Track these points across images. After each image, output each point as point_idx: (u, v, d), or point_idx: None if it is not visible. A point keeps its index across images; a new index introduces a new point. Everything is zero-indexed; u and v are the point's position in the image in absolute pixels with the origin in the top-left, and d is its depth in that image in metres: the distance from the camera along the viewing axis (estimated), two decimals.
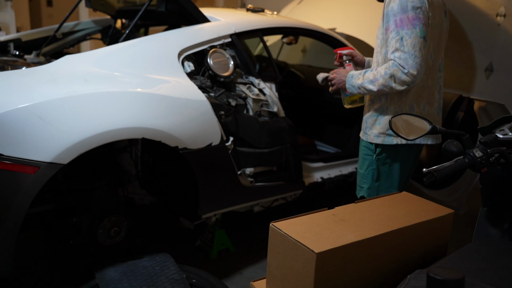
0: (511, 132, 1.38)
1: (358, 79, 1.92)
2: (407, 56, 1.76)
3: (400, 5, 1.79)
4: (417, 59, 1.76)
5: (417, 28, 1.76)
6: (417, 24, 1.77)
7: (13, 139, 1.65)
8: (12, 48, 2.85)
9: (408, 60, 1.76)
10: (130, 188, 2.47)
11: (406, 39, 1.77)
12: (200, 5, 2.56)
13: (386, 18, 1.85)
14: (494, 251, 1.26)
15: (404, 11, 1.77)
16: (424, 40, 1.78)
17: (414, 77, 1.77)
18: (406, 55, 1.76)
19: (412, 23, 1.77)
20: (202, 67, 2.33)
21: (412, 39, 1.76)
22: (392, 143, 1.95)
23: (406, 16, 1.77)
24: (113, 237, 2.12)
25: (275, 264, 1.27)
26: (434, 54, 1.92)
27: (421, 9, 1.78)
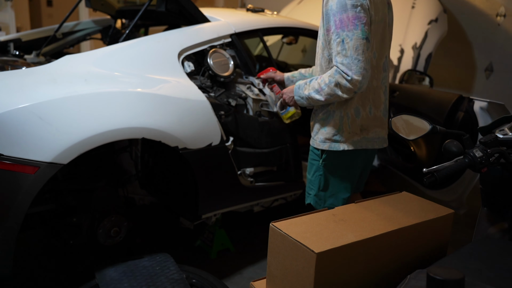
0: (511, 132, 1.38)
1: (305, 90, 1.86)
2: (349, 61, 1.67)
3: (339, 4, 1.69)
4: (360, 63, 1.67)
5: (358, 29, 1.67)
6: (358, 24, 1.67)
7: (13, 139, 1.65)
8: (12, 48, 2.85)
9: (351, 65, 1.67)
10: (130, 188, 2.47)
11: (348, 41, 1.67)
12: (200, 5, 2.56)
13: (326, 18, 1.75)
14: (494, 251, 1.26)
15: (343, 10, 1.68)
16: (367, 41, 1.69)
17: (360, 83, 1.68)
18: (349, 60, 1.67)
19: (353, 24, 1.67)
20: (202, 67, 2.33)
21: (354, 42, 1.67)
22: (338, 149, 1.88)
23: (346, 15, 1.67)
24: (113, 237, 2.12)
25: (275, 264, 1.27)
26: (378, 53, 1.84)
27: (362, 6, 1.68)
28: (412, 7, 3.69)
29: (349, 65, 1.68)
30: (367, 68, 1.69)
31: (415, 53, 3.51)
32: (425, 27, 3.58)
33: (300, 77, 2.28)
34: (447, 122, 2.68)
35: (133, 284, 1.81)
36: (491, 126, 1.50)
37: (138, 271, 1.89)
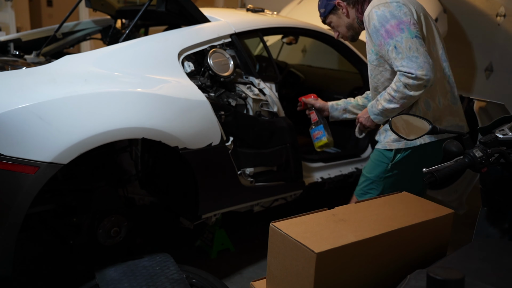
0: (511, 132, 1.38)
1: (378, 105, 1.90)
2: (408, 61, 1.73)
3: (379, 19, 1.79)
4: (419, 59, 1.72)
5: (405, 32, 1.75)
6: (403, 27, 1.75)
7: (13, 139, 1.65)
8: (12, 48, 2.85)
9: (411, 64, 1.73)
10: (130, 188, 2.47)
11: (399, 45, 1.75)
12: (200, 5, 2.56)
13: (374, 37, 1.83)
14: (494, 251, 1.26)
15: (386, 21, 1.77)
16: (417, 38, 1.75)
17: (425, 76, 1.72)
18: (407, 60, 1.73)
19: (398, 29, 1.75)
20: (202, 67, 2.33)
21: (405, 43, 1.74)
22: (415, 144, 1.88)
23: (390, 25, 1.76)
24: (113, 237, 2.12)
25: (275, 264, 1.27)
26: (434, 46, 1.90)
27: (401, 12, 1.77)
28: None
29: (409, 65, 1.73)
30: (427, 60, 1.73)
31: None
32: None
33: (345, 105, 2.34)
34: None
35: (133, 284, 1.81)
36: (491, 126, 1.50)
37: (138, 271, 1.89)
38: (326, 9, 2.07)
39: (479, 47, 4.23)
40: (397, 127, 1.52)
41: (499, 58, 4.11)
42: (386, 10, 1.78)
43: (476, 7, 4.18)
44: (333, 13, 2.07)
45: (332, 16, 2.08)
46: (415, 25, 1.78)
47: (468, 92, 4.30)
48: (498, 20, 4.04)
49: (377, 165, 2.00)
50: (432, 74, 1.74)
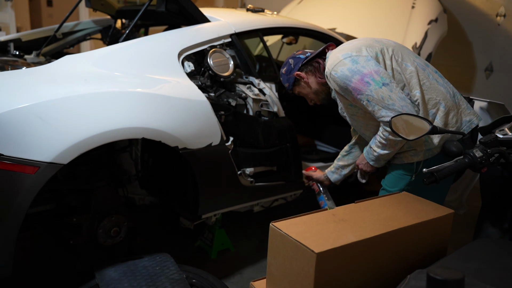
0: (511, 132, 1.39)
1: (373, 152, 1.92)
2: (386, 111, 1.74)
3: (342, 80, 1.80)
4: (396, 106, 1.73)
5: (371, 84, 1.75)
6: (367, 80, 1.75)
7: (13, 139, 1.65)
8: (12, 48, 2.85)
9: (389, 113, 1.73)
10: (130, 188, 2.47)
11: (372, 99, 1.75)
12: (200, 5, 2.56)
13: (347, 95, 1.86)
14: (494, 251, 1.26)
15: (349, 80, 1.78)
16: (386, 86, 1.75)
17: None
18: (385, 111, 1.74)
19: (364, 83, 1.76)
20: (202, 67, 2.33)
21: (376, 95, 1.74)
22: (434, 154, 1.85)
23: (354, 83, 1.77)
24: (113, 237, 2.12)
25: (275, 264, 1.27)
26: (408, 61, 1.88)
27: (358, 65, 1.77)
28: (412, 7, 3.69)
29: (387, 114, 1.74)
30: (404, 103, 1.74)
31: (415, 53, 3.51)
32: (425, 27, 3.58)
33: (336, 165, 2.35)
34: None
35: (133, 284, 1.81)
36: (491, 126, 1.50)
37: (138, 271, 1.89)
38: (289, 83, 2.10)
39: (479, 47, 4.23)
40: (397, 127, 1.52)
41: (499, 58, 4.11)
42: (344, 68, 1.79)
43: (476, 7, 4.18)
44: (296, 85, 2.10)
45: (297, 88, 2.12)
46: (377, 72, 1.76)
47: (468, 92, 4.30)
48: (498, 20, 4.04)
49: (400, 179, 1.96)
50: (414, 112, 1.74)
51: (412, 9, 3.68)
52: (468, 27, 4.25)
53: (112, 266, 1.92)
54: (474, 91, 4.29)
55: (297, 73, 2.05)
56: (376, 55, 1.83)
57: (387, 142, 1.82)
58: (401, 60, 1.86)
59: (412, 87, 1.82)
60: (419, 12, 3.65)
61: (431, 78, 1.88)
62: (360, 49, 1.83)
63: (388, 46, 1.90)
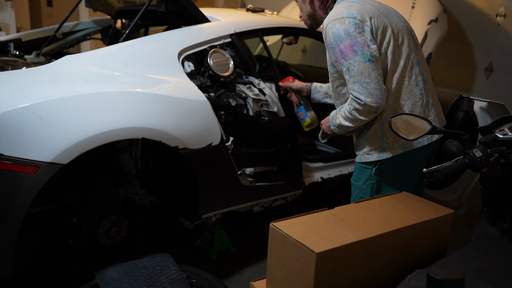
0: (511, 132, 1.38)
1: (337, 119, 1.91)
2: (358, 87, 1.73)
3: (334, 37, 1.76)
4: (369, 86, 1.72)
5: (359, 54, 1.72)
6: (356, 49, 1.73)
7: (13, 139, 1.65)
8: (12, 48, 2.85)
9: (361, 90, 1.73)
10: (130, 188, 2.47)
11: (352, 68, 1.73)
12: (200, 5, 2.56)
13: (331, 53, 1.82)
14: (494, 251, 1.26)
15: (340, 41, 1.75)
16: (371, 62, 1.73)
17: (375, 103, 1.73)
18: (358, 86, 1.73)
19: (352, 50, 1.73)
20: (202, 67, 2.33)
21: (358, 67, 1.72)
22: (388, 156, 1.86)
23: (344, 46, 1.74)
24: (113, 237, 2.12)
25: (275, 264, 1.27)
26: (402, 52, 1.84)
27: (355, 31, 1.73)
28: (412, 7, 3.69)
29: (359, 90, 1.73)
30: (378, 87, 1.73)
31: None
32: (425, 27, 3.58)
33: (327, 89, 2.36)
34: (447, 122, 2.68)
35: (133, 284, 1.81)
36: (491, 126, 1.50)
37: (138, 271, 1.89)
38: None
39: (479, 47, 4.23)
40: (397, 127, 1.52)
41: (499, 58, 4.11)
42: (341, 27, 1.74)
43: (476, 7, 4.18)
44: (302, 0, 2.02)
45: (300, 1, 2.03)
46: (369, 46, 1.74)
47: (468, 92, 4.30)
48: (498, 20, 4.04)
49: (362, 172, 1.98)
50: (382, 101, 1.74)
51: (412, 9, 3.67)
52: (468, 27, 4.25)
53: (112, 266, 1.92)
54: (474, 91, 4.29)
55: None
56: (377, 31, 1.79)
57: (350, 116, 1.81)
58: (397, 51, 1.84)
59: (388, 79, 1.82)
60: (419, 12, 3.65)
61: (413, 79, 1.86)
62: (365, 17, 1.77)
63: (395, 29, 1.84)
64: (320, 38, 2.98)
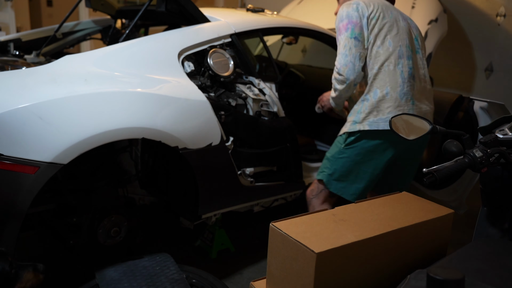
0: (511, 132, 1.38)
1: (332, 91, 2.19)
2: (339, 57, 2.02)
3: (339, 17, 2.08)
4: (347, 58, 1.99)
5: (349, 31, 2.01)
6: (349, 27, 2.02)
7: (13, 139, 1.65)
8: (12, 48, 2.85)
9: (340, 60, 2.02)
10: (130, 188, 2.47)
11: (341, 42, 2.03)
12: (200, 5, 2.56)
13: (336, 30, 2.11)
14: (494, 251, 1.26)
15: (341, 20, 2.05)
16: (356, 40, 2.00)
17: (346, 73, 2.00)
18: (339, 56, 2.02)
19: (345, 28, 2.02)
20: (202, 67, 2.33)
21: (344, 41, 2.02)
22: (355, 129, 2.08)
23: (342, 24, 2.04)
24: (113, 237, 2.12)
25: (275, 264, 1.27)
26: (394, 42, 2.06)
27: (354, 13, 2.02)
28: (412, 7, 3.69)
29: (339, 60, 2.04)
30: (353, 61, 2.00)
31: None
32: (425, 27, 3.58)
33: None
34: (447, 122, 2.68)
35: (133, 284, 1.81)
36: (491, 126, 1.50)
37: (138, 271, 1.89)
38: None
39: (479, 47, 4.23)
40: (397, 127, 1.52)
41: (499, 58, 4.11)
42: (346, 10, 2.06)
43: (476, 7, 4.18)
44: None
45: None
46: (360, 27, 2.02)
47: (468, 92, 4.30)
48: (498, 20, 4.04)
49: (335, 146, 2.20)
50: (352, 74, 2.00)
51: (412, 9, 3.67)
52: (468, 27, 4.25)
53: (112, 266, 1.92)
54: (474, 91, 4.29)
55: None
56: (373, 18, 2.04)
57: (332, 85, 2.11)
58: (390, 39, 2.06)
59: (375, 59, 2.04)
60: (419, 12, 3.65)
61: (398, 67, 2.06)
62: (371, 3, 2.06)
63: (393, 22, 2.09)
64: (320, 38, 2.99)
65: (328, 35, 2.96)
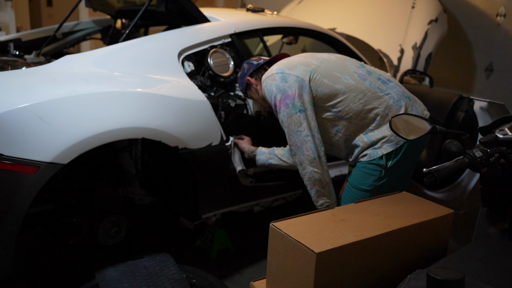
0: (511, 132, 1.38)
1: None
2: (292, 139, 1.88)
3: (269, 94, 1.90)
4: (301, 134, 1.86)
5: (290, 108, 1.85)
6: (288, 102, 1.85)
7: (13, 139, 1.65)
8: (12, 48, 2.85)
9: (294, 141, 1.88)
10: (130, 188, 2.47)
11: (285, 120, 1.87)
12: (200, 5, 2.56)
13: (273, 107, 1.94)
14: (494, 251, 1.26)
15: (273, 96, 1.88)
16: (301, 112, 1.84)
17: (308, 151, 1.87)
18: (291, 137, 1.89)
19: (284, 104, 1.85)
20: (202, 67, 2.33)
21: (290, 119, 1.86)
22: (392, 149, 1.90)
23: (277, 100, 1.87)
24: (113, 237, 2.12)
25: (275, 264, 1.27)
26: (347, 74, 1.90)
27: (285, 84, 1.85)
28: (412, 7, 3.69)
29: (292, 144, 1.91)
30: (309, 134, 1.86)
31: (415, 53, 3.51)
32: (425, 27, 3.58)
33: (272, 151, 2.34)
34: (447, 122, 2.68)
35: (133, 284, 1.81)
36: (491, 126, 1.50)
37: (138, 271, 1.89)
38: (243, 87, 2.16)
39: (479, 47, 4.23)
40: (397, 127, 1.52)
41: (499, 58, 4.11)
42: (273, 84, 1.87)
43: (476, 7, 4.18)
44: (248, 89, 2.15)
45: (249, 92, 2.17)
46: (300, 96, 1.84)
47: (468, 92, 4.30)
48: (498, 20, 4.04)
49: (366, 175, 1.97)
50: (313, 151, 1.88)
51: (412, 9, 3.68)
52: (468, 27, 4.25)
53: (112, 266, 1.93)
54: (474, 91, 4.29)
55: (248, 78, 2.10)
56: (309, 74, 1.87)
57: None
58: (339, 75, 1.89)
59: (351, 101, 1.88)
60: (419, 12, 3.65)
61: (373, 87, 1.90)
62: (295, 66, 1.89)
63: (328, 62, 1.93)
64: (320, 38, 2.99)
65: (328, 35, 2.96)
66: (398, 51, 3.50)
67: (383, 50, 3.53)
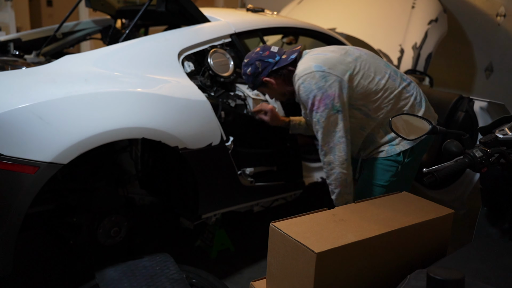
0: (511, 132, 1.38)
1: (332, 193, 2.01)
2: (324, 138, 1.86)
3: (306, 91, 1.85)
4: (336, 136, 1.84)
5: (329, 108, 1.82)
6: (327, 103, 1.82)
7: (13, 139, 1.65)
8: (12, 48, 2.85)
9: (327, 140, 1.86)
10: (130, 188, 2.47)
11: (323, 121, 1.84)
12: (200, 5, 2.56)
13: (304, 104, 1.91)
14: (494, 251, 1.26)
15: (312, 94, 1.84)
16: (339, 113, 1.83)
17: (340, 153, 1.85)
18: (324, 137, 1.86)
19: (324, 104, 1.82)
20: (202, 67, 2.33)
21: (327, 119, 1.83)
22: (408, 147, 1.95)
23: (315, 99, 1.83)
24: (113, 237, 2.12)
25: (275, 264, 1.27)
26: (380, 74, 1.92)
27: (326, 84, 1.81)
28: (412, 7, 3.69)
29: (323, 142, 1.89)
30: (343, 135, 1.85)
31: (415, 53, 3.51)
32: (425, 27, 3.58)
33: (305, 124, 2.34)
34: (447, 122, 2.68)
35: (133, 284, 1.81)
36: (491, 126, 1.50)
37: (138, 271, 1.89)
38: (255, 84, 2.09)
39: (479, 47, 4.24)
40: (397, 127, 1.52)
41: (499, 58, 4.11)
42: (312, 82, 1.82)
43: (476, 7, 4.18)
44: (262, 86, 2.10)
45: (262, 88, 2.12)
46: (339, 96, 1.82)
47: (468, 92, 4.30)
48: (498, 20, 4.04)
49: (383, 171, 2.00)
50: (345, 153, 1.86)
51: (412, 9, 3.68)
52: (468, 27, 4.25)
53: (112, 266, 1.92)
54: (474, 91, 4.30)
55: (266, 79, 2.03)
56: (348, 74, 1.86)
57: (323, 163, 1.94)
58: (373, 75, 1.91)
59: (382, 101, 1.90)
60: (419, 12, 3.65)
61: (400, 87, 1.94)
62: (334, 65, 1.85)
63: (362, 61, 1.92)
64: (320, 38, 2.99)
65: (328, 35, 2.96)
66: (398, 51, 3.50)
67: (383, 50, 3.53)
